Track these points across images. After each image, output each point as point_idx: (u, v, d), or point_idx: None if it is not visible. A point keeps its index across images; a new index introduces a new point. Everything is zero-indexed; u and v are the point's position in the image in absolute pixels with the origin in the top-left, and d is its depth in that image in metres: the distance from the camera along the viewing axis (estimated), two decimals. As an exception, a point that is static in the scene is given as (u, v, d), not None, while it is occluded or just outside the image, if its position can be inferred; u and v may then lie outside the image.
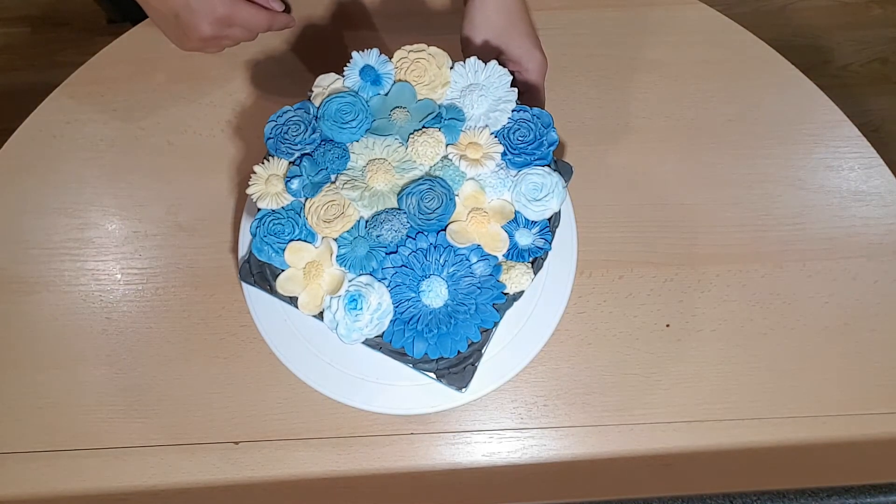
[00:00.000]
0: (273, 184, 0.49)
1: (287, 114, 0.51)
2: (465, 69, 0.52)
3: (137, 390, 0.58)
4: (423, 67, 0.51)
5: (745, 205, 0.64)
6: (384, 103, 0.51)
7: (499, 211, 0.49)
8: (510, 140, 0.50)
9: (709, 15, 0.71)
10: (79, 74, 0.68)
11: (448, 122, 0.50)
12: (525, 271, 0.48)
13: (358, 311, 0.46)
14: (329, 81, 0.52)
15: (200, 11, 0.55)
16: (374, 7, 0.71)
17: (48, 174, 0.65)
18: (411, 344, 0.47)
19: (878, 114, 1.37)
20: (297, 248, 0.48)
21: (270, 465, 0.57)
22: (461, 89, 0.52)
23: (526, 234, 0.49)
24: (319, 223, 0.48)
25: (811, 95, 0.68)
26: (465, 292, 0.47)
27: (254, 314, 0.55)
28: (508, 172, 0.50)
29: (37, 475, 0.56)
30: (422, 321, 0.47)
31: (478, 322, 0.47)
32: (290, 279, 0.48)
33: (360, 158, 0.50)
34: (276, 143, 0.50)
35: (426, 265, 0.47)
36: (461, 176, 0.49)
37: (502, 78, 0.51)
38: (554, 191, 0.49)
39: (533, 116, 0.51)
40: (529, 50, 0.56)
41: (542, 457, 0.57)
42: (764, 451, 0.57)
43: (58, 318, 0.60)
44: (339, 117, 0.50)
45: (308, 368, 0.54)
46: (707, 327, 0.60)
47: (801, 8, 1.45)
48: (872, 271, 0.62)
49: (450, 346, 0.46)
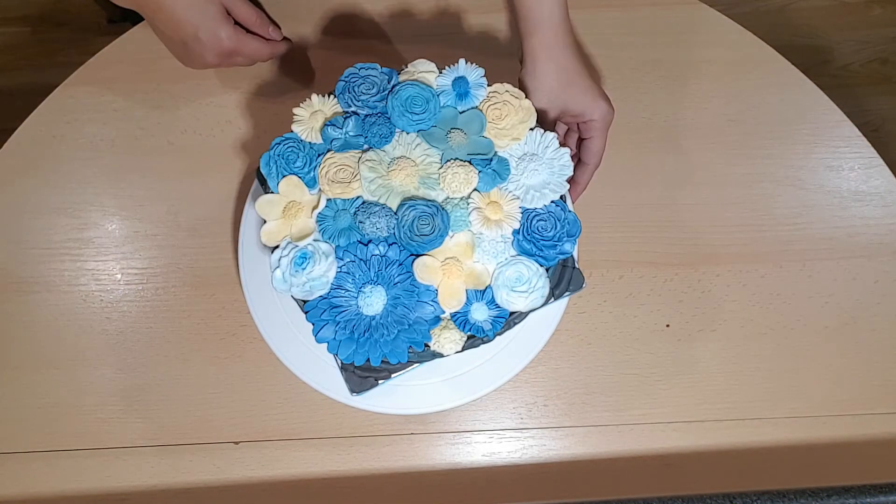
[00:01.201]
0: (316, 118, 0.50)
1: (371, 70, 0.51)
2: (540, 139, 0.50)
3: (137, 390, 0.58)
4: (507, 111, 0.50)
5: (745, 205, 0.64)
6: (453, 118, 0.51)
7: (475, 275, 0.48)
8: (531, 225, 0.49)
9: (709, 15, 0.71)
10: (79, 74, 0.68)
11: (491, 171, 0.49)
12: (456, 339, 0.47)
13: (301, 269, 0.46)
14: (424, 68, 0.52)
15: (208, 43, 0.57)
16: (373, 12, 0.71)
17: (48, 174, 0.65)
18: (321, 327, 0.47)
19: (878, 114, 1.37)
20: (293, 183, 0.49)
21: (270, 465, 0.57)
22: (523, 153, 0.50)
23: (483, 310, 0.48)
24: (325, 178, 0.48)
25: (811, 95, 0.68)
26: (395, 319, 0.47)
27: (254, 314, 0.55)
28: (508, 249, 0.48)
29: (37, 475, 0.57)
30: (344, 315, 0.47)
31: (386, 351, 0.47)
32: (271, 203, 0.49)
33: (397, 148, 0.50)
34: (345, 88, 0.51)
35: (381, 274, 0.47)
36: (465, 224, 0.48)
37: (564, 168, 0.50)
38: (532, 292, 0.47)
39: (565, 219, 0.49)
40: (593, 100, 0.54)
41: (542, 457, 0.57)
42: (764, 451, 0.57)
43: (58, 318, 0.61)
44: (408, 103, 0.50)
45: (308, 368, 0.54)
46: (707, 327, 0.60)
47: (801, 8, 1.45)
48: (872, 271, 0.62)
49: (349, 353, 0.47)
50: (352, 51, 0.69)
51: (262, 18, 0.60)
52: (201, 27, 0.56)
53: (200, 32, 0.56)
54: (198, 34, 0.56)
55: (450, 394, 0.52)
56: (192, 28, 0.56)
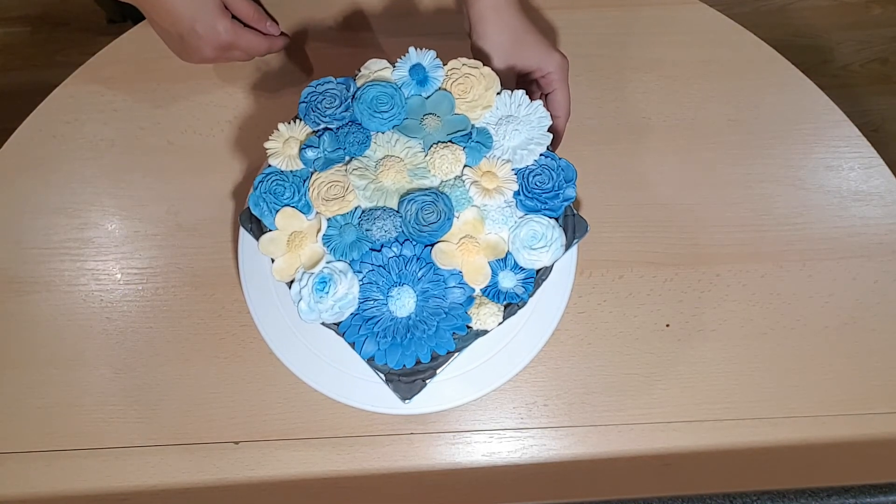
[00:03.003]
0: (290, 146, 0.49)
1: (328, 84, 0.51)
2: (510, 100, 0.51)
3: (137, 390, 0.58)
4: (470, 84, 0.50)
5: (745, 205, 0.64)
6: (421, 106, 0.51)
7: (492, 246, 0.48)
8: (528, 182, 0.49)
9: (709, 15, 0.71)
10: (79, 74, 0.68)
11: (475, 144, 0.49)
12: (495, 312, 0.47)
13: (324, 293, 0.46)
14: (378, 67, 0.52)
15: (205, 37, 0.57)
16: (373, 8, 0.71)
17: (48, 174, 0.65)
18: (362, 342, 0.46)
19: (878, 114, 1.37)
20: (289, 214, 0.48)
21: (270, 465, 0.57)
22: (499, 117, 0.50)
23: (510, 277, 0.48)
24: (318, 199, 0.48)
25: (811, 95, 0.68)
26: (431, 312, 0.47)
27: (254, 314, 0.55)
28: (515, 212, 0.49)
29: (37, 475, 0.57)
30: (380, 324, 0.46)
31: (432, 345, 0.46)
32: (273, 241, 0.48)
33: (379, 150, 0.50)
34: (308, 109, 0.50)
35: (403, 273, 0.47)
36: (467, 200, 0.48)
37: (541, 120, 0.50)
38: (551, 245, 0.47)
39: (558, 167, 0.50)
40: (545, 54, 0.55)
41: (542, 457, 0.57)
42: (764, 451, 0.57)
43: (58, 318, 0.61)
44: (374, 104, 0.50)
45: (308, 368, 0.54)
46: (707, 327, 0.60)
47: (801, 8, 1.45)
48: (872, 271, 0.62)
49: (398, 357, 0.46)
50: (350, 44, 0.69)
51: (260, 13, 0.60)
52: (199, 20, 0.56)
53: (198, 26, 0.56)
54: (195, 27, 0.56)
55: (450, 394, 0.52)
56: (189, 21, 0.56)
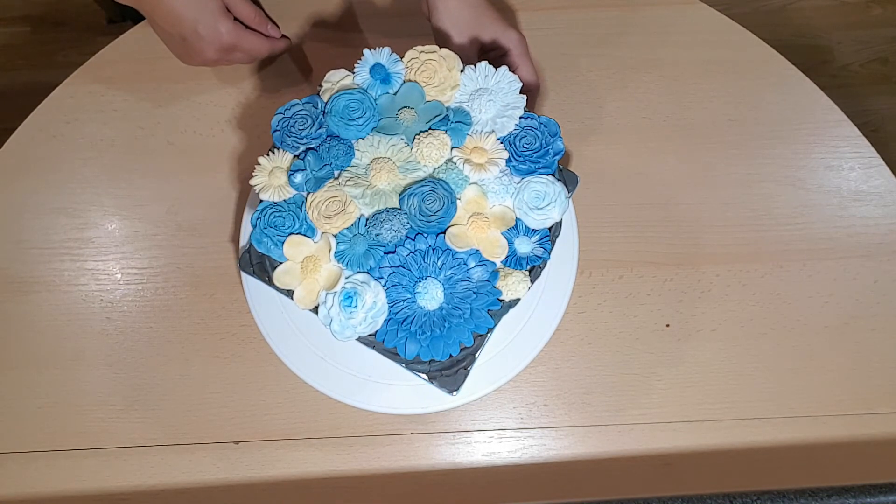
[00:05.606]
0: (276, 176, 0.49)
1: (295, 107, 0.51)
2: (475, 73, 0.52)
3: (137, 390, 0.58)
4: (433, 69, 0.51)
5: (745, 205, 0.64)
6: (392, 102, 0.51)
7: (500, 217, 0.49)
8: (516, 147, 0.50)
9: (709, 15, 0.71)
10: (79, 74, 0.68)
11: (454, 125, 0.50)
12: (522, 279, 0.48)
13: (353, 308, 0.45)
14: (339, 77, 0.52)
15: (207, 38, 0.57)
16: (372, 9, 0.71)
17: (48, 174, 0.65)
18: (403, 345, 0.46)
19: (878, 114, 1.38)
20: (296, 242, 0.48)
21: (270, 465, 0.57)
22: (470, 93, 0.51)
23: (525, 241, 0.49)
24: (320, 218, 0.48)
25: (811, 95, 0.68)
26: (461, 296, 0.47)
27: (254, 314, 0.55)
28: (512, 179, 0.49)
29: (37, 475, 0.56)
30: (416, 322, 0.47)
31: (471, 327, 0.47)
32: (287, 272, 0.48)
33: (364, 156, 0.50)
34: (283, 136, 0.50)
35: (423, 267, 0.47)
36: (464, 180, 0.49)
37: (511, 84, 0.51)
38: (556, 200, 0.48)
39: (540, 124, 0.51)
40: (504, 30, 0.57)
41: (542, 457, 0.57)
42: (764, 451, 0.57)
43: (58, 318, 0.60)
44: (346, 114, 0.50)
45: (308, 368, 0.54)
46: (707, 327, 0.60)
47: (801, 8, 1.45)
48: (872, 271, 0.62)
49: (442, 349, 0.46)
50: (349, 44, 0.69)
51: (261, 16, 0.60)
52: (201, 22, 0.56)
53: (200, 27, 0.56)
54: (197, 29, 0.56)
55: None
56: (191, 23, 0.56)
